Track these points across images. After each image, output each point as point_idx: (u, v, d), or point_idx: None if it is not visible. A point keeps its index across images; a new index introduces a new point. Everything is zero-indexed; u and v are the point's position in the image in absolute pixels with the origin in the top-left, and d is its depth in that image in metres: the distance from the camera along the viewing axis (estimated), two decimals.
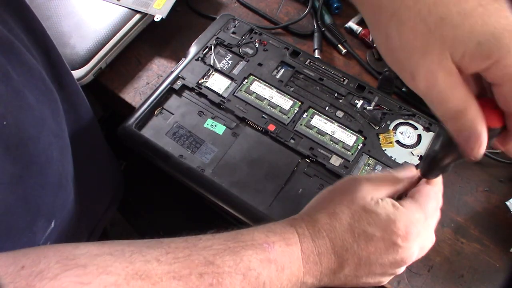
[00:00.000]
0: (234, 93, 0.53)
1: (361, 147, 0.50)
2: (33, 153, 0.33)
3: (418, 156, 0.50)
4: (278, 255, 0.33)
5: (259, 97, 0.52)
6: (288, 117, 0.51)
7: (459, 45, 0.25)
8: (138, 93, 0.56)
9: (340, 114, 0.52)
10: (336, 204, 0.36)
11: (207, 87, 0.53)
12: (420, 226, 0.35)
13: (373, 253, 0.34)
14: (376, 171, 0.49)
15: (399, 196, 0.38)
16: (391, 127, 0.51)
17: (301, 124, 0.51)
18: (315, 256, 0.34)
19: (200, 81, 0.53)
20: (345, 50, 0.61)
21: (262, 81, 0.54)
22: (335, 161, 0.49)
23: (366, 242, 0.34)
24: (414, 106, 0.54)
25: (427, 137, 0.51)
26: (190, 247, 0.31)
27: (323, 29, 0.62)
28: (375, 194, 0.36)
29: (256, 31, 0.58)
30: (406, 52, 0.28)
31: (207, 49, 0.56)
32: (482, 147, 0.27)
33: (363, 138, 0.50)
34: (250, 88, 0.53)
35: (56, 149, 0.37)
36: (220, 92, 0.52)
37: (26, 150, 0.33)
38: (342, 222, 0.35)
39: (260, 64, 0.55)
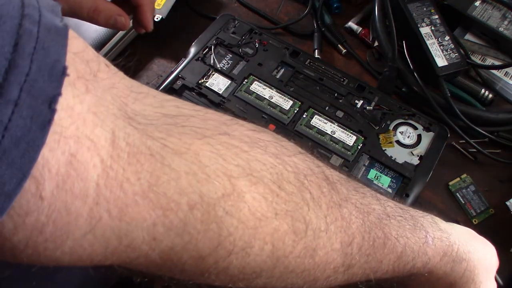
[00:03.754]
0: (234, 93, 0.53)
1: (361, 147, 0.50)
2: None
3: (418, 156, 0.50)
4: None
5: (259, 97, 0.52)
6: (288, 117, 0.51)
7: None
8: None
9: (340, 114, 0.52)
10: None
11: (207, 87, 0.53)
12: None
13: None
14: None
15: None
16: (391, 127, 0.51)
17: (301, 124, 0.51)
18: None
19: (200, 81, 0.53)
20: (345, 50, 0.61)
21: (262, 81, 0.54)
22: (335, 161, 0.49)
23: None
24: (414, 106, 0.54)
25: (427, 137, 0.51)
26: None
27: (323, 29, 0.62)
28: None
29: (256, 31, 0.58)
30: None
31: (207, 49, 0.56)
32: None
33: (363, 138, 0.50)
34: (250, 88, 0.53)
35: None
36: (220, 92, 0.52)
37: None
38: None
39: (260, 64, 0.55)
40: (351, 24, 0.63)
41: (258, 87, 0.53)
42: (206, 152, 0.22)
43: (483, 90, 0.56)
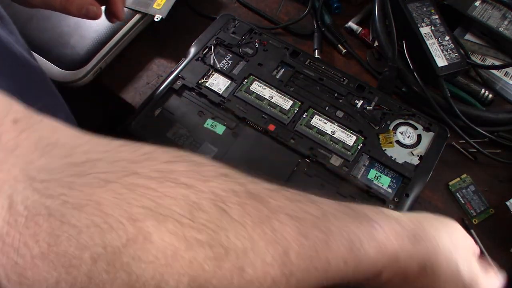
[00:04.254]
0: (234, 93, 0.53)
1: (361, 147, 0.50)
2: None
3: (418, 156, 0.50)
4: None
5: (259, 97, 0.52)
6: (288, 117, 0.51)
7: None
8: (138, 93, 0.56)
9: (340, 114, 0.52)
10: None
11: (207, 87, 0.53)
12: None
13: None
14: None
15: None
16: (391, 127, 0.51)
17: (301, 124, 0.51)
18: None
19: (200, 81, 0.53)
20: (345, 50, 0.61)
21: (262, 81, 0.54)
22: (335, 161, 0.49)
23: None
24: (414, 106, 0.54)
25: (427, 137, 0.51)
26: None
27: (323, 29, 0.62)
28: None
29: (256, 31, 0.58)
30: None
31: (207, 49, 0.56)
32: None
33: (363, 138, 0.50)
34: (250, 88, 0.53)
35: None
36: (220, 92, 0.52)
37: None
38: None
39: (260, 64, 0.55)
40: (351, 24, 0.63)
41: (258, 87, 0.53)
42: (108, 200, 0.22)
43: (483, 90, 0.56)
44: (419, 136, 0.51)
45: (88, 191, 0.22)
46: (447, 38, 0.56)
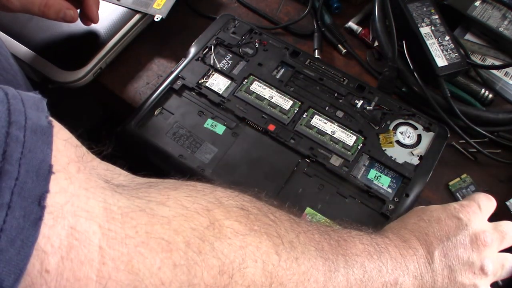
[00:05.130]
0: (234, 93, 0.53)
1: (361, 147, 0.50)
2: None
3: (418, 156, 0.50)
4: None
5: (259, 97, 0.52)
6: (288, 117, 0.51)
7: None
8: (138, 93, 0.56)
9: (340, 114, 0.52)
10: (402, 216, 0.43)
11: (207, 87, 0.53)
12: (474, 208, 0.41)
13: (449, 232, 0.38)
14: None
15: None
16: (391, 127, 0.51)
17: (301, 124, 0.51)
18: (402, 242, 0.37)
19: (200, 81, 0.53)
20: (345, 50, 0.61)
21: (262, 81, 0.54)
22: (335, 161, 0.49)
23: (438, 224, 0.39)
24: (414, 106, 0.54)
25: (427, 137, 0.51)
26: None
27: (323, 29, 0.62)
28: None
29: (256, 31, 0.58)
30: None
31: (207, 49, 0.56)
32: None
33: (363, 138, 0.50)
34: (250, 88, 0.53)
35: None
36: (220, 92, 0.52)
37: None
38: (409, 216, 0.42)
39: (260, 64, 0.55)
40: (351, 24, 0.63)
41: (258, 87, 0.53)
42: (183, 197, 0.26)
43: (483, 90, 0.56)
44: (419, 136, 0.51)
45: (165, 192, 0.26)
46: (447, 38, 0.56)
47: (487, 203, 0.43)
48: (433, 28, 0.56)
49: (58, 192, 0.20)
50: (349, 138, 0.50)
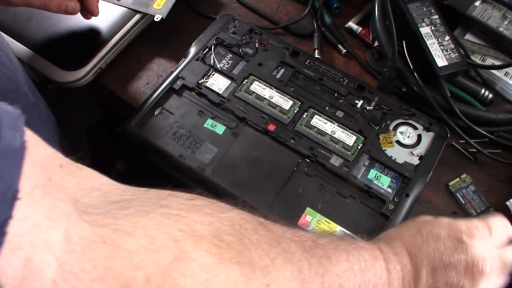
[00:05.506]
0: (234, 93, 0.53)
1: (361, 147, 0.50)
2: None
3: (418, 156, 0.50)
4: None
5: (259, 97, 0.52)
6: (288, 117, 0.51)
7: None
8: (138, 93, 0.56)
9: (340, 114, 0.52)
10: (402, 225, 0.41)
11: (207, 87, 0.53)
12: (483, 231, 0.37)
13: (444, 252, 0.36)
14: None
15: None
16: (391, 127, 0.51)
17: (301, 124, 0.51)
18: (393, 255, 0.36)
19: (200, 81, 0.53)
20: (345, 50, 0.61)
21: (262, 81, 0.54)
22: (335, 161, 0.49)
23: (435, 241, 0.36)
24: (414, 106, 0.54)
25: (427, 137, 0.51)
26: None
27: (323, 29, 0.62)
28: None
29: (256, 31, 0.58)
30: None
31: (207, 49, 0.56)
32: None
33: (363, 138, 0.50)
34: (250, 88, 0.53)
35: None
36: (220, 92, 0.52)
37: None
38: (409, 227, 0.38)
39: (260, 64, 0.55)
40: (351, 24, 0.63)
41: (258, 87, 0.53)
42: (151, 226, 0.25)
43: (483, 90, 0.56)
44: (419, 136, 0.51)
45: (133, 219, 0.24)
46: (447, 38, 0.56)
47: (501, 229, 0.39)
48: (433, 28, 0.56)
49: (19, 220, 0.20)
50: (349, 138, 0.50)
